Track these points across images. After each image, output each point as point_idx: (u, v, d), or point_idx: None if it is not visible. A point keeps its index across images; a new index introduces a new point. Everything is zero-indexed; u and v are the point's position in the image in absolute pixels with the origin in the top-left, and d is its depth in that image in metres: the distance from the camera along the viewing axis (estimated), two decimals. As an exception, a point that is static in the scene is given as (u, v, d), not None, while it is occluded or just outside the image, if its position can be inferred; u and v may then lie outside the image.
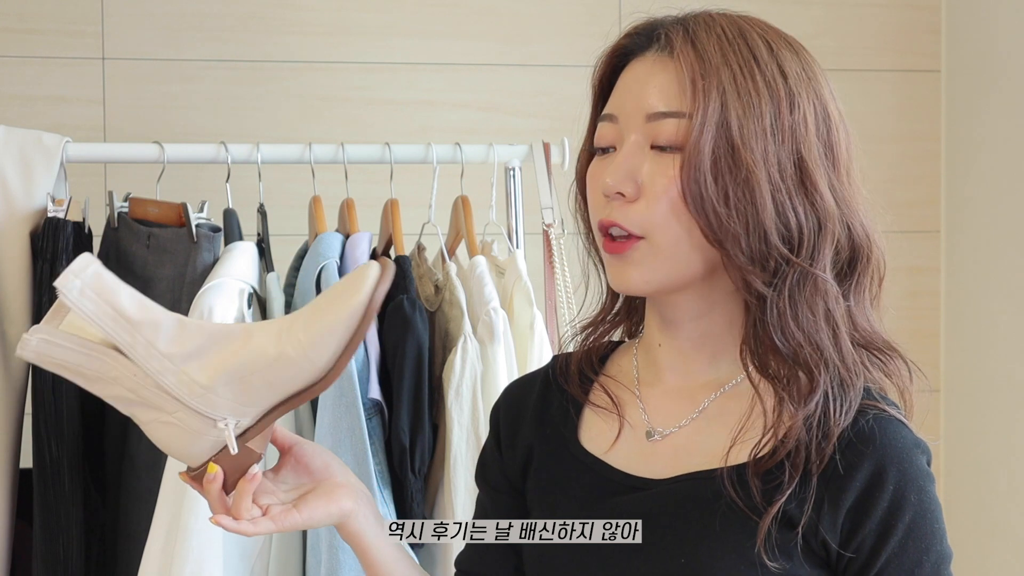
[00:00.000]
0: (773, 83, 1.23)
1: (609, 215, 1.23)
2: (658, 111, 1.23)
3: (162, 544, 1.82)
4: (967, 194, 2.81)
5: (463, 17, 2.68)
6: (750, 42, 1.24)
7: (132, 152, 2.13)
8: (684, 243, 1.23)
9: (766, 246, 1.22)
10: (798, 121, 1.23)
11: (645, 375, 1.34)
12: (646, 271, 1.23)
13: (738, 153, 1.20)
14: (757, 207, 1.21)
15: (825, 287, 1.24)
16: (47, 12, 2.53)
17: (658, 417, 1.31)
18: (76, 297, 1.18)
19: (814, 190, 1.23)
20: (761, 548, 1.20)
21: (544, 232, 2.11)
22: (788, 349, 1.23)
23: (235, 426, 1.23)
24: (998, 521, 2.73)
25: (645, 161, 1.23)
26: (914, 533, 1.21)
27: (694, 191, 1.20)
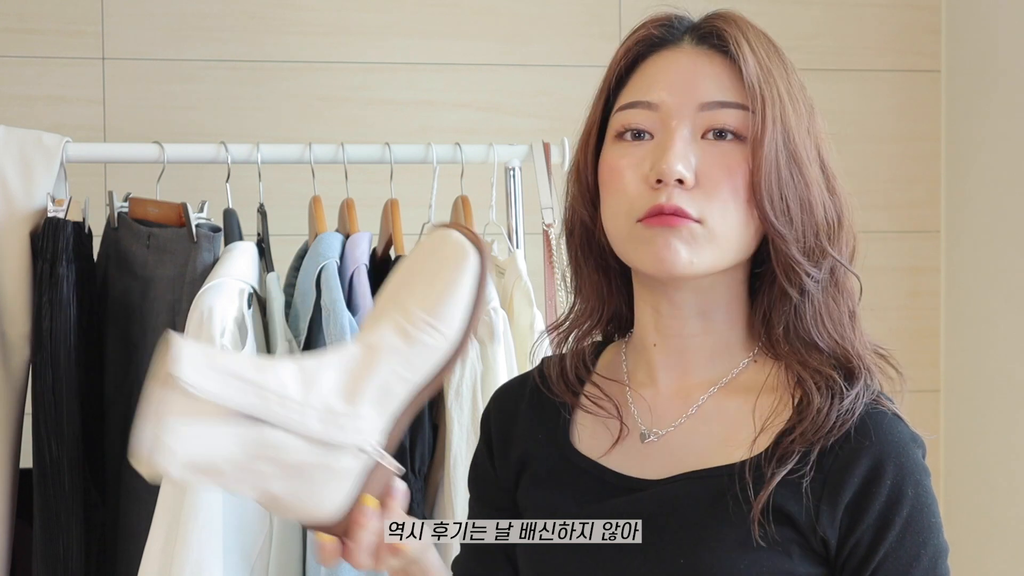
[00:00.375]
0: (800, 88, 1.28)
1: (670, 199, 1.21)
2: (717, 100, 1.24)
3: (162, 544, 1.82)
4: (967, 194, 2.81)
5: (463, 17, 2.68)
6: (777, 48, 1.29)
7: (132, 152, 2.13)
8: (739, 232, 1.23)
9: (815, 239, 1.25)
10: (819, 125, 1.28)
11: (637, 376, 1.33)
12: (695, 252, 1.22)
13: (795, 150, 1.24)
14: (811, 201, 1.24)
15: (849, 284, 1.28)
16: (47, 12, 2.53)
17: (652, 418, 1.30)
18: (196, 379, 1.09)
19: (834, 189, 1.27)
20: (756, 537, 1.20)
21: (544, 232, 2.11)
22: (825, 343, 1.26)
23: (377, 443, 1.17)
24: (998, 521, 2.73)
25: (700, 150, 1.23)
26: (911, 527, 1.22)
27: (766, 183, 1.22)
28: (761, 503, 1.20)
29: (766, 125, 1.22)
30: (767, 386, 1.27)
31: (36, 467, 1.97)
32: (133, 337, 2.03)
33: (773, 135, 1.22)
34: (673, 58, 1.27)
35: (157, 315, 1.98)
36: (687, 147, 1.22)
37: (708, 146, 1.23)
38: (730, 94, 1.24)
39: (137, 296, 2.02)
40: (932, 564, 1.23)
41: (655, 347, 1.31)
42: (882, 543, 1.21)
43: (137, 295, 2.02)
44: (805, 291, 1.25)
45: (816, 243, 1.25)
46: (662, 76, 1.26)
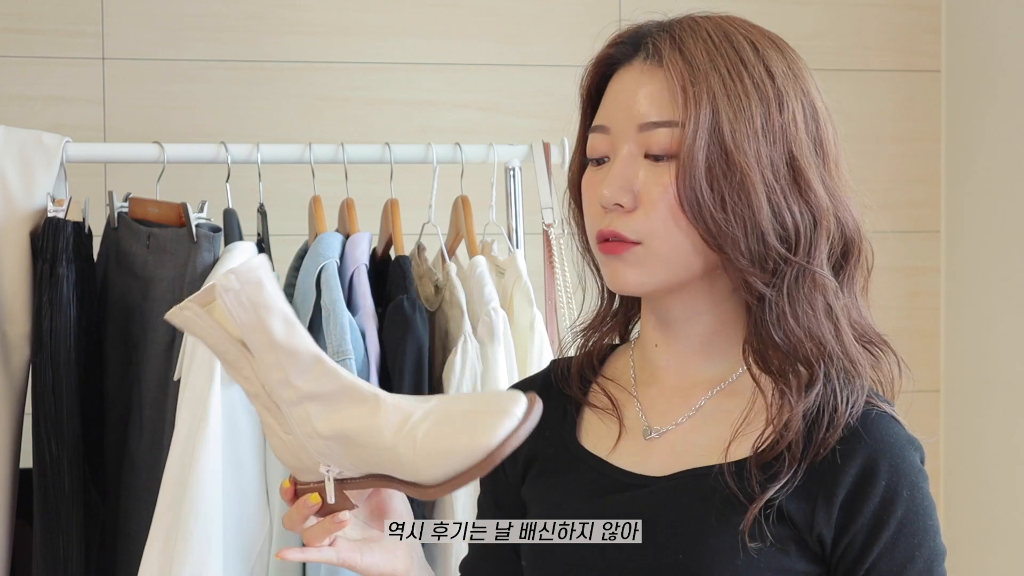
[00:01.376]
0: (761, 84, 1.24)
1: (608, 225, 1.25)
2: (650, 121, 1.24)
3: (162, 544, 1.82)
4: (967, 194, 2.81)
5: (463, 17, 2.68)
6: (736, 44, 1.25)
7: (132, 152, 2.13)
8: (683, 248, 1.24)
9: (764, 247, 1.23)
10: (788, 120, 1.24)
11: (642, 375, 1.35)
12: (643, 272, 1.25)
13: (732, 157, 1.22)
14: (754, 209, 1.22)
15: (823, 282, 1.26)
16: (47, 12, 2.53)
17: (655, 416, 1.32)
18: (230, 301, 1.16)
19: (807, 187, 1.24)
20: (746, 535, 1.21)
21: (544, 232, 2.11)
22: (788, 346, 1.25)
23: (337, 474, 1.21)
24: (998, 521, 2.73)
25: (640, 170, 1.24)
26: (906, 528, 1.22)
27: (691, 198, 1.21)
28: (759, 504, 1.21)
29: (686, 139, 1.22)
30: (754, 391, 1.28)
31: (36, 467, 1.97)
32: (133, 337, 2.03)
33: (696, 148, 1.21)
34: (624, 79, 1.28)
35: (157, 315, 1.98)
36: (628, 170, 1.24)
37: (649, 166, 1.24)
38: (662, 112, 1.24)
39: (137, 296, 2.02)
40: (927, 567, 1.23)
41: (657, 348, 1.33)
42: (876, 543, 1.22)
43: (137, 295, 2.02)
44: (762, 297, 1.24)
45: (767, 251, 1.23)
46: (613, 98, 1.28)
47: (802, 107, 1.26)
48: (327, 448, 1.20)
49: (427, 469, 1.16)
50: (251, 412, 1.88)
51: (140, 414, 2.00)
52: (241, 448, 1.87)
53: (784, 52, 1.27)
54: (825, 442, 1.22)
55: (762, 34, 1.28)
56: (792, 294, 1.24)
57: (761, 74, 1.24)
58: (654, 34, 1.27)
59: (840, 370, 1.25)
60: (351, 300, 1.96)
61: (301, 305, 1.97)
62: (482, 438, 1.14)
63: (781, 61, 1.26)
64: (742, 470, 1.23)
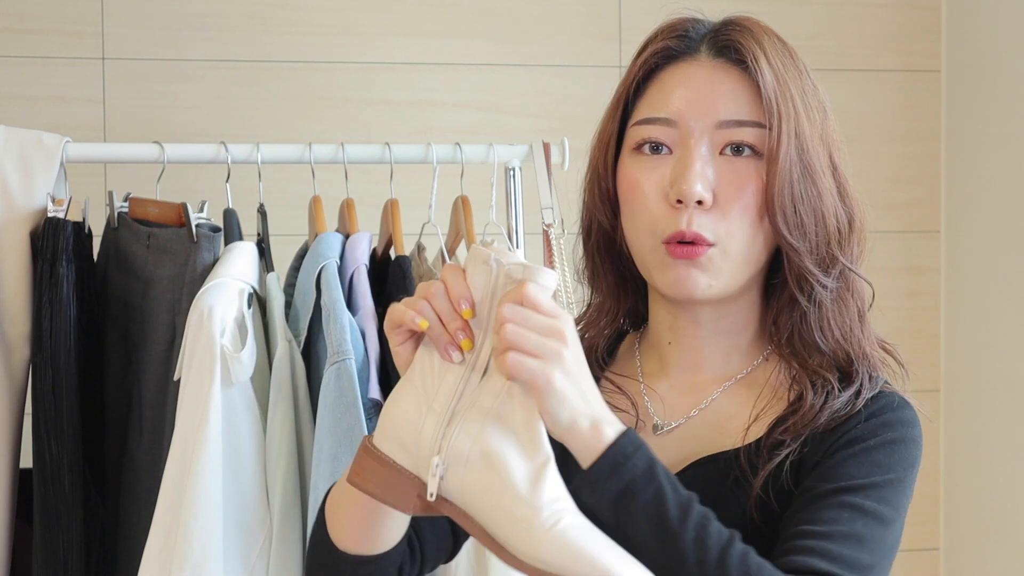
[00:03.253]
0: (814, 93, 1.28)
1: (689, 225, 1.24)
2: (733, 119, 1.25)
3: (162, 544, 1.82)
4: (967, 194, 2.81)
5: (463, 17, 2.68)
6: (792, 53, 1.29)
7: (132, 152, 2.13)
8: (754, 249, 1.26)
9: (827, 248, 1.27)
10: (831, 127, 1.29)
11: (649, 369, 1.36)
12: (712, 276, 1.26)
13: (809, 163, 1.25)
14: (824, 212, 1.26)
15: (860, 286, 1.30)
16: (47, 12, 2.53)
17: (664, 410, 1.33)
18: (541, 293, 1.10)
19: (845, 192, 1.29)
20: (753, 511, 1.23)
21: (544, 232, 2.11)
22: (827, 347, 1.28)
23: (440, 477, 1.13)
24: (998, 521, 2.73)
25: (717, 168, 1.25)
26: (869, 458, 1.22)
27: (780, 199, 1.24)
28: (758, 487, 1.23)
29: (781, 142, 1.23)
30: (771, 381, 1.30)
31: (36, 467, 1.97)
32: (133, 337, 2.03)
33: (787, 151, 1.24)
34: (691, 72, 1.27)
35: (157, 315, 1.98)
36: (705, 166, 1.24)
37: (724, 162, 1.25)
38: (747, 112, 1.25)
39: (137, 296, 2.02)
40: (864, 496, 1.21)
41: (670, 345, 1.34)
42: (833, 456, 1.23)
43: (137, 295, 2.02)
44: (815, 299, 1.27)
45: (828, 252, 1.27)
46: (680, 91, 1.27)
47: (832, 117, 1.30)
48: (459, 456, 1.12)
49: (545, 549, 1.08)
50: (251, 412, 1.88)
51: (140, 414, 2.00)
52: (241, 448, 1.87)
53: (806, 63, 1.31)
54: (834, 418, 1.25)
55: (791, 45, 1.31)
56: (836, 296, 1.28)
57: (812, 82, 1.29)
58: (730, 31, 1.28)
59: (868, 368, 1.28)
60: (351, 300, 1.96)
61: (301, 305, 1.97)
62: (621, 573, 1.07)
63: (812, 72, 1.30)
64: (741, 456, 1.25)
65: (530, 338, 1.09)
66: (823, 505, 1.20)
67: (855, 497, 1.20)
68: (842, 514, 1.19)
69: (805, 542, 1.18)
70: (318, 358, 1.96)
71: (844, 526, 1.18)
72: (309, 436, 1.93)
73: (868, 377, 1.27)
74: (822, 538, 1.17)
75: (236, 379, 1.85)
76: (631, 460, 1.12)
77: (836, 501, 1.20)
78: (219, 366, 1.83)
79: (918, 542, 2.82)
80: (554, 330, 1.10)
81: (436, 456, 1.13)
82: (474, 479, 1.12)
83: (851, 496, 1.20)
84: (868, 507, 1.20)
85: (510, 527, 1.10)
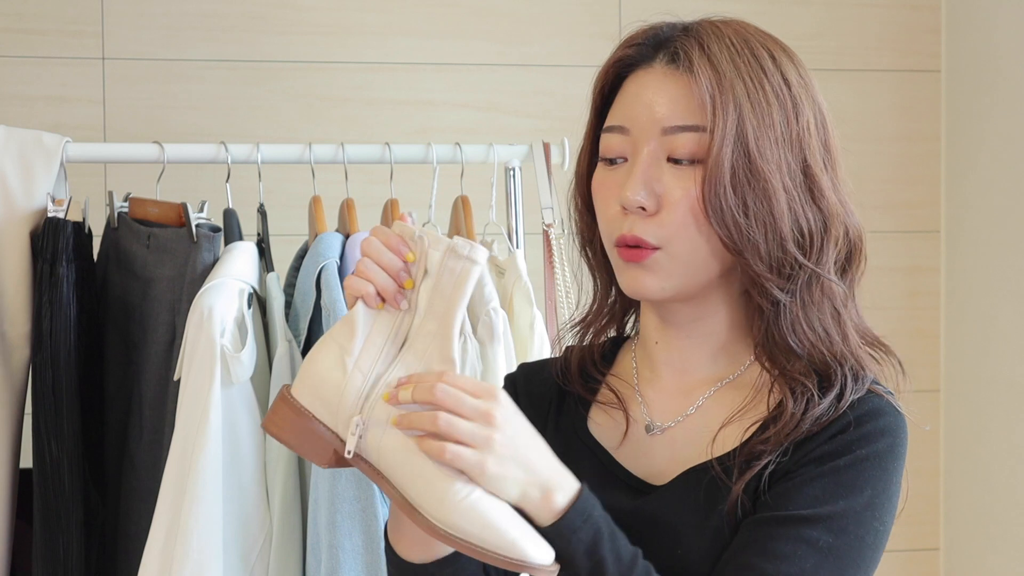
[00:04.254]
0: (780, 92, 1.26)
1: (630, 230, 1.25)
2: (675, 124, 1.25)
3: (162, 544, 1.82)
4: (967, 194, 2.81)
5: (463, 17, 2.68)
6: (755, 51, 1.27)
7: (132, 152, 2.13)
8: (702, 252, 1.26)
9: (782, 252, 1.25)
10: (803, 128, 1.27)
11: (643, 372, 1.37)
12: (662, 278, 1.26)
13: (755, 164, 1.23)
14: (775, 215, 1.24)
15: (832, 289, 1.28)
16: (47, 12, 2.53)
17: (657, 412, 1.34)
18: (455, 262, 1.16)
19: (820, 194, 1.27)
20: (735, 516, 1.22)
21: (544, 232, 2.11)
22: (802, 350, 1.27)
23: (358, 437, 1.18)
24: (998, 521, 2.73)
25: (663, 174, 1.25)
26: (837, 478, 1.21)
27: (715, 204, 1.23)
28: (735, 498, 1.23)
29: (713, 145, 1.23)
30: (755, 385, 1.30)
31: (36, 467, 1.97)
32: (133, 337, 2.03)
33: (721, 153, 1.22)
34: (644, 80, 1.28)
35: (157, 315, 1.98)
36: (651, 173, 1.25)
37: (671, 169, 1.25)
38: (688, 116, 1.25)
39: (137, 296, 2.02)
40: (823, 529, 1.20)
41: (657, 345, 1.34)
42: (801, 469, 1.22)
43: (137, 295, 2.02)
44: (777, 302, 1.26)
45: (785, 256, 1.25)
46: (632, 100, 1.28)
47: (813, 115, 1.28)
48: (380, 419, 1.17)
49: (457, 517, 1.14)
50: (251, 412, 1.89)
51: (140, 414, 2.00)
52: (241, 448, 1.87)
53: (794, 59, 1.29)
54: (817, 423, 1.24)
55: (774, 41, 1.30)
56: (804, 299, 1.26)
57: (779, 82, 1.26)
58: (679, 38, 1.28)
59: (850, 369, 1.27)
60: (351, 300, 1.96)
61: (301, 305, 1.97)
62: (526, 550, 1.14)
63: (794, 69, 1.28)
64: (731, 459, 1.25)
65: (462, 427, 1.14)
66: (777, 536, 1.19)
67: (810, 531, 1.19)
68: (796, 550, 1.18)
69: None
70: (318, 358, 1.95)
71: (791, 565, 1.18)
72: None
73: (852, 378, 1.26)
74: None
75: (236, 379, 1.85)
76: (576, 535, 1.16)
77: (789, 534, 1.19)
78: (219, 366, 1.83)
79: (918, 542, 2.83)
80: (483, 414, 1.14)
81: (357, 416, 1.17)
82: (392, 442, 1.16)
83: (806, 529, 1.19)
84: (823, 543, 1.19)
85: (424, 492, 1.15)
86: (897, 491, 1.24)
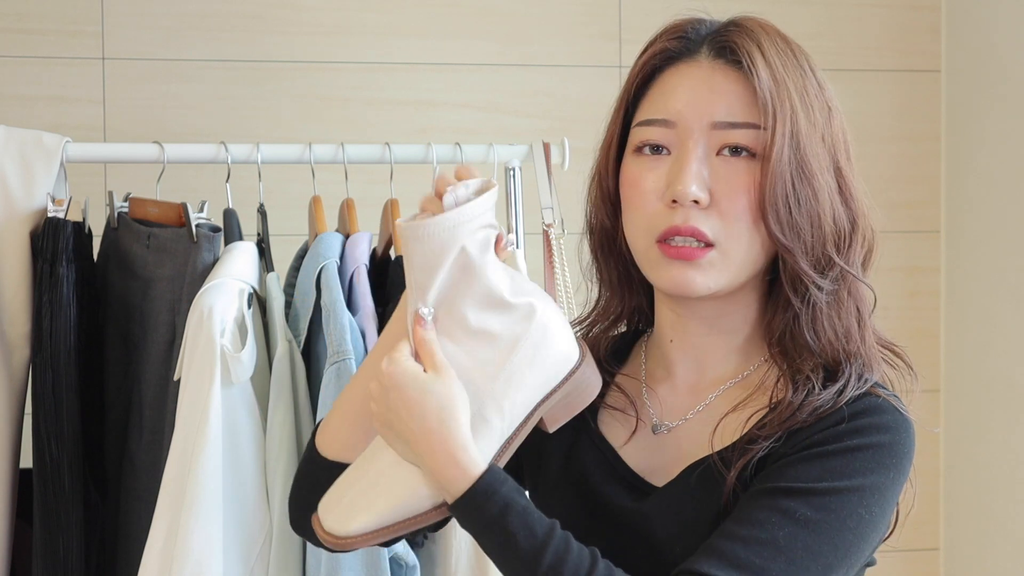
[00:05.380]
0: (819, 94, 1.28)
1: (686, 221, 1.24)
2: (729, 120, 1.25)
3: (162, 544, 1.82)
4: (967, 194, 2.81)
5: (463, 17, 2.68)
6: (795, 52, 1.29)
7: (132, 152, 2.13)
8: (753, 249, 1.26)
9: (823, 250, 1.26)
10: (836, 129, 1.29)
11: (654, 370, 1.36)
12: (711, 277, 1.26)
13: (807, 163, 1.25)
14: (821, 214, 1.25)
15: (860, 290, 1.29)
16: (47, 12, 2.53)
17: (665, 411, 1.34)
18: None
19: (849, 194, 1.28)
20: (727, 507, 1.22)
21: (544, 232, 2.11)
22: (818, 347, 1.27)
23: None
24: (998, 521, 2.73)
25: (715, 168, 1.25)
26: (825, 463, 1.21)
27: (773, 200, 1.23)
28: (730, 484, 1.23)
29: (775, 142, 1.23)
30: (763, 384, 1.30)
31: (36, 467, 1.97)
32: (133, 337, 2.03)
33: (781, 152, 1.23)
34: (689, 73, 1.28)
35: (157, 315, 1.98)
36: (702, 166, 1.25)
37: (722, 163, 1.25)
38: (742, 113, 1.25)
39: (137, 296, 2.02)
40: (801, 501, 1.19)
41: (672, 343, 1.34)
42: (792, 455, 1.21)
43: (137, 295, 2.02)
44: (809, 301, 1.27)
45: (824, 254, 1.26)
46: (679, 93, 1.27)
47: (839, 117, 1.30)
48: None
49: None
50: (251, 412, 1.89)
51: (140, 414, 2.00)
52: (241, 448, 1.87)
53: (813, 62, 1.30)
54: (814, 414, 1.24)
55: (799, 45, 1.31)
56: (833, 298, 1.27)
57: (816, 84, 1.28)
58: (729, 32, 1.28)
59: (858, 368, 1.27)
60: (351, 300, 1.96)
61: (301, 305, 1.97)
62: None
63: (819, 72, 1.30)
64: (730, 451, 1.25)
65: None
66: (755, 505, 1.19)
67: (790, 501, 1.18)
68: (770, 517, 1.18)
69: (719, 542, 1.17)
70: (318, 358, 1.96)
71: (764, 531, 1.17)
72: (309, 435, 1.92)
73: (857, 376, 1.26)
74: (737, 540, 1.17)
75: (236, 379, 1.85)
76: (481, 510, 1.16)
77: (768, 503, 1.19)
78: (219, 366, 1.83)
79: (918, 542, 2.83)
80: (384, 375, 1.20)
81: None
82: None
83: (785, 500, 1.18)
84: (800, 514, 1.18)
85: None
86: (893, 489, 1.23)
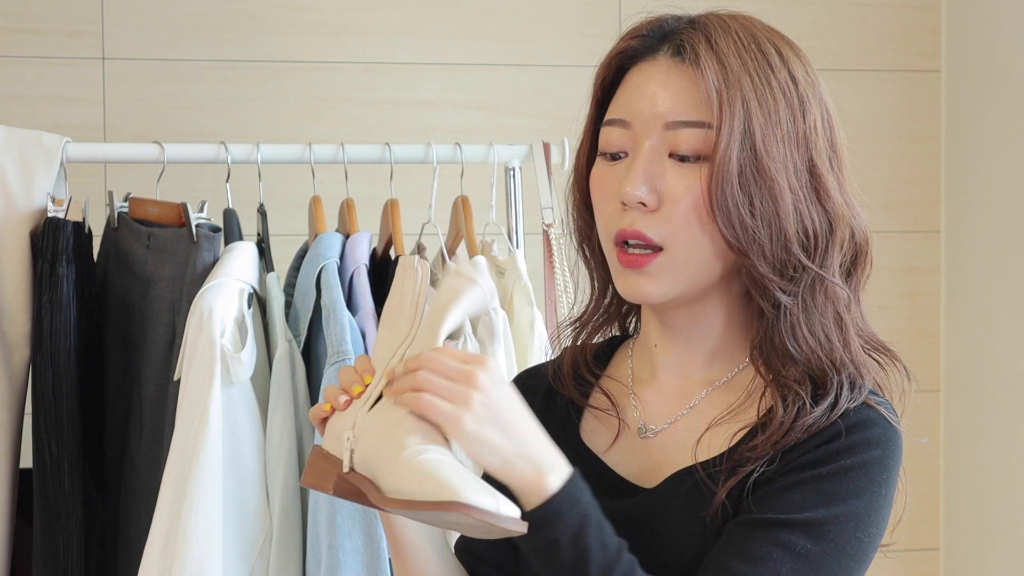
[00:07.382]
0: (787, 89, 1.24)
1: (631, 224, 1.23)
2: (679, 120, 1.22)
3: (162, 544, 1.82)
4: (967, 194, 2.81)
5: (463, 17, 2.68)
6: (763, 47, 1.24)
7: (132, 152, 2.13)
8: (705, 253, 1.23)
9: (787, 253, 1.23)
10: (809, 126, 1.24)
11: (640, 374, 1.35)
12: (663, 283, 1.24)
13: (762, 163, 1.21)
14: (780, 216, 1.22)
15: (836, 292, 1.25)
16: (47, 12, 2.53)
17: (651, 415, 1.32)
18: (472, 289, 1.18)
19: (825, 195, 1.24)
20: (718, 523, 1.21)
21: (544, 232, 2.11)
22: (800, 355, 1.24)
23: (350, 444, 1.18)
24: (998, 521, 2.73)
25: (665, 170, 1.23)
26: (820, 487, 1.20)
27: (722, 202, 1.20)
28: (717, 505, 1.21)
29: (720, 142, 1.20)
30: (748, 387, 1.28)
31: (36, 467, 1.97)
32: (133, 337, 2.03)
33: (729, 150, 1.20)
34: (648, 73, 1.26)
35: (157, 315, 1.98)
36: (651, 168, 1.23)
37: (674, 165, 1.23)
38: (693, 112, 1.22)
39: (137, 296, 2.02)
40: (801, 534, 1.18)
41: (657, 348, 1.33)
42: (784, 476, 1.20)
43: (137, 295, 2.02)
44: (779, 305, 1.24)
45: (789, 258, 1.23)
46: (635, 93, 1.26)
47: (820, 113, 1.26)
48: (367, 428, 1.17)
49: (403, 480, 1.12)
50: (251, 412, 1.89)
51: (140, 414, 2.00)
52: (241, 448, 1.87)
53: (801, 56, 1.27)
54: (807, 431, 1.22)
55: (781, 37, 1.27)
56: (807, 303, 1.24)
57: (786, 79, 1.24)
58: (684, 30, 1.25)
59: (848, 378, 1.24)
60: (351, 300, 1.96)
61: (301, 305, 1.97)
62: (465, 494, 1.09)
63: (801, 66, 1.26)
64: (717, 464, 1.24)
65: (440, 383, 1.13)
66: (754, 539, 1.18)
67: (790, 535, 1.17)
68: (772, 553, 1.17)
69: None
70: (318, 358, 1.96)
71: (768, 569, 1.16)
72: (309, 436, 1.93)
73: (849, 386, 1.23)
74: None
75: (236, 379, 1.85)
76: (562, 519, 1.13)
77: (767, 536, 1.17)
78: (219, 366, 1.83)
79: (918, 542, 2.82)
80: (466, 375, 1.13)
81: (349, 431, 1.17)
82: (371, 443, 1.15)
83: (786, 533, 1.17)
84: (801, 548, 1.17)
85: (383, 464, 1.14)
86: (886, 504, 1.22)
